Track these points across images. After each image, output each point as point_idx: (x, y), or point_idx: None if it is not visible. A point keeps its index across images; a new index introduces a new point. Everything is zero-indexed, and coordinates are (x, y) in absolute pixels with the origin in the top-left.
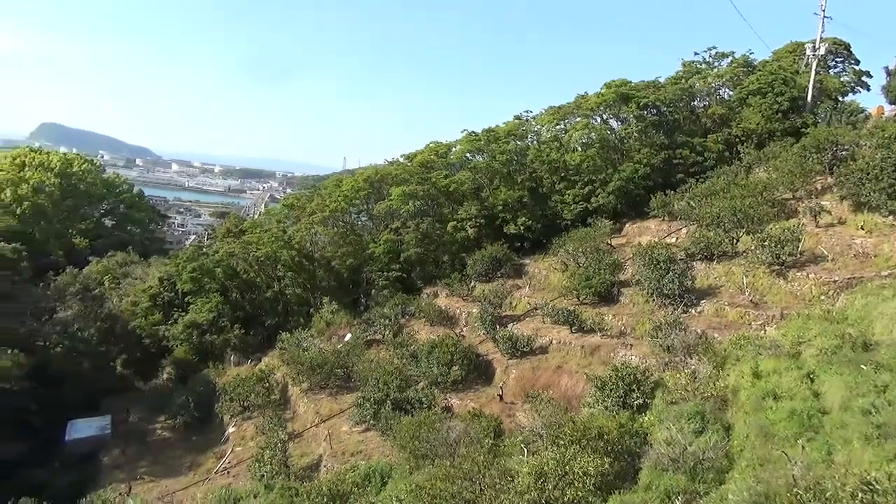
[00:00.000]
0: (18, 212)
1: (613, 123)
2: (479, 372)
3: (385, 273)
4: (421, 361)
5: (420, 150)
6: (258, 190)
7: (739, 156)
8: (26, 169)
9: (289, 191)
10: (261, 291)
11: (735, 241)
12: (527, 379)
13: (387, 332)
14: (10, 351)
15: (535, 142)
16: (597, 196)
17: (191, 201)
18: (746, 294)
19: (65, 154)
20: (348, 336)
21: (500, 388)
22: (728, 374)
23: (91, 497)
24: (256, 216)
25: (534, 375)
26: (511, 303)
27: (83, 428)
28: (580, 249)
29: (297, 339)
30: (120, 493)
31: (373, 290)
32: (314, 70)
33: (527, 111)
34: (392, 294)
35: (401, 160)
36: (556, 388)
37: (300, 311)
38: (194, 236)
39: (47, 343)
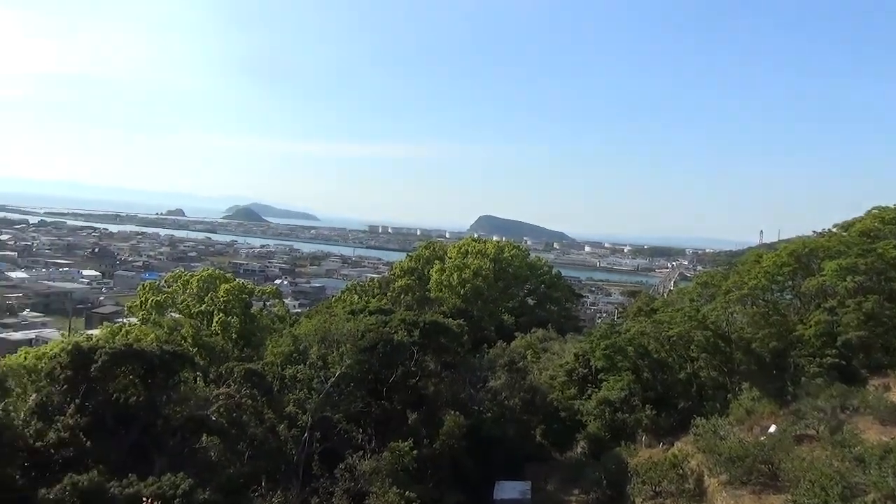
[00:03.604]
0: (462, 293)
1: None
2: None
3: (817, 359)
4: (870, 468)
5: (859, 217)
6: (667, 268)
7: None
8: (468, 256)
9: (699, 268)
10: (673, 372)
11: None
12: None
13: (822, 428)
14: (453, 412)
15: None
16: None
17: (601, 281)
18: None
19: (497, 241)
20: (773, 428)
21: None
22: None
23: None
24: (665, 294)
25: None
26: None
27: (509, 489)
28: None
29: (714, 425)
30: None
31: (802, 378)
32: (726, 143)
33: None
34: (827, 384)
35: (834, 230)
36: None
37: (716, 395)
38: (605, 314)
39: (480, 408)
